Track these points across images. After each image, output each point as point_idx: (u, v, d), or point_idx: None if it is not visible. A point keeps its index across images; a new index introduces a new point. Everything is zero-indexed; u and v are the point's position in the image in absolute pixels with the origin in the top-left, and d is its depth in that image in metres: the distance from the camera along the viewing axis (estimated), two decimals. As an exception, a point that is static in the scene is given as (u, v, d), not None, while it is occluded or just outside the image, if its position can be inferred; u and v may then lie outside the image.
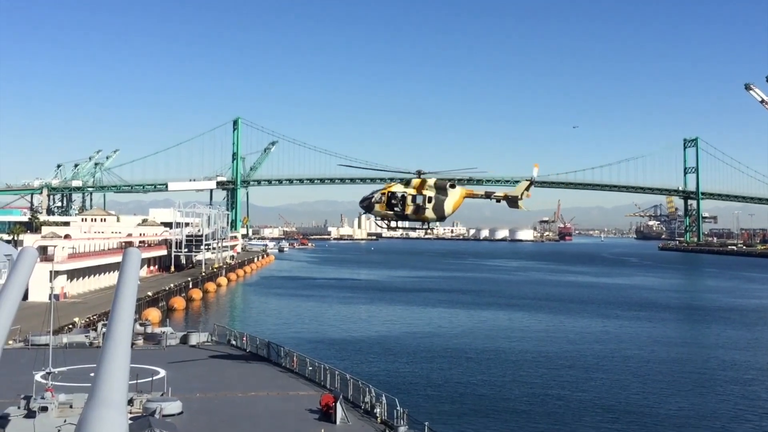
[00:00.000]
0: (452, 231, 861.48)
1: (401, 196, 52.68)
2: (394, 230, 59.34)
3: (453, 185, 53.17)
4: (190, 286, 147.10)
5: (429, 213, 52.50)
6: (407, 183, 53.23)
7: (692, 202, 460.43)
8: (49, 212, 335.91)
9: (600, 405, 63.33)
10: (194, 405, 42.06)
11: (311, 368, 51.41)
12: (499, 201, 53.51)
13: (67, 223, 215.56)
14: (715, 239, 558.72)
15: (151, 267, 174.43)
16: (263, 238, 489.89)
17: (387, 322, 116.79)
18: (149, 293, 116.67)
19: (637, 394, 67.86)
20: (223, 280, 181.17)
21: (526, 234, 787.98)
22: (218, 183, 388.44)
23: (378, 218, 55.54)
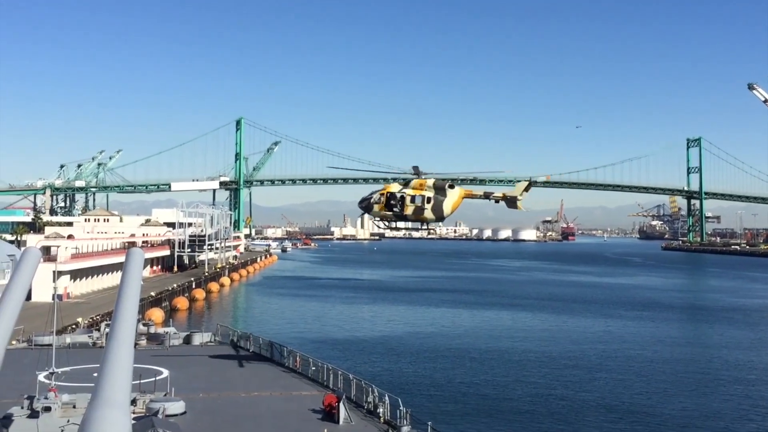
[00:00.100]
0: (455, 231, 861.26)
1: (400, 197, 52.60)
2: (397, 230, 59.13)
3: (452, 185, 53.12)
4: (193, 286, 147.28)
5: (428, 213, 52.42)
6: (406, 183, 53.19)
7: (695, 202, 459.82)
8: (52, 212, 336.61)
9: (603, 405, 63.26)
10: (197, 405, 42.06)
11: (314, 368, 51.34)
12: (498, 201, 53.45)
13: (70, 224, 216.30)
14: (718, 239, 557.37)
15: (154, 267, 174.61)
16: (266, 238, 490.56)
17: (390, 322, 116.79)
18: (152, 293, 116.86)
19: (641, 394, 67.75)
20: (226, 280, 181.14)
21: (529, 234, 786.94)
22: (221, 183, 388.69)
23: (377, 219, 55.45)
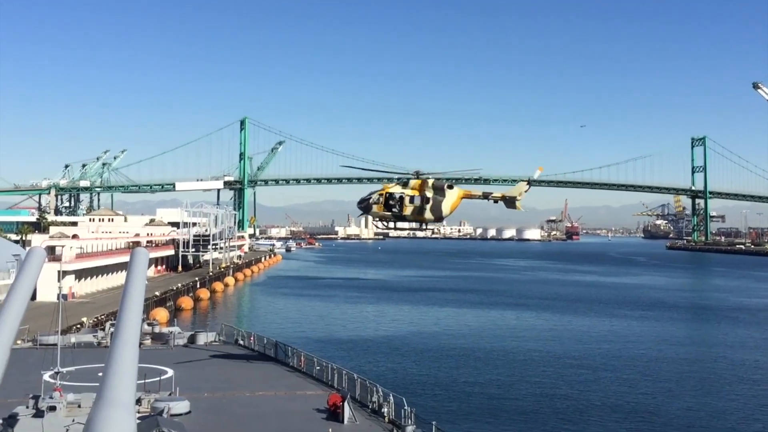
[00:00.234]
0: (459, 230, 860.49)
1: (399, 197, 52.56)
2: (402, 230, 59.07)
3: (451, 186, 53.13)
4: (198, 286, 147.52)
5: (427, 214, 52.43)
6: (405, 184, 53.15)
7: (700, 201, 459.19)
8: (57, 212, 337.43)
9: (608, 405, 63.12)
10: (202, 404, 42.14)
11: (319, 368, 51.37)
12: (497, 202, 53.34)
13: (75, 223, 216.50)
14: (723, 238, 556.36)
15: (159, 267, 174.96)
16: (270, 238, 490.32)
17: (394, 322, 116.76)
18: (157, 293, 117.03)
19: (645, 394, 67.59)
20: (231, 280, 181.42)
21: (534, 233, 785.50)
22: (225, 183, 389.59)
23: (376, 219, 55.33)
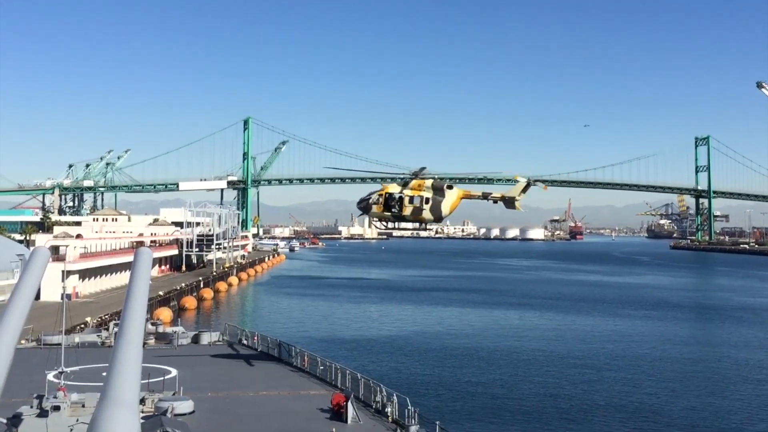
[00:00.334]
0: (463, 230, 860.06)
1: (398, 198, 52.46)
2: (405, 230, 58.96)
3: (450, 186, 53.07)
4: (201, 286, 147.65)
5: (426, 214, 52.33)
6: (404, 184, 53.09)
7: (704, 201, 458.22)
8: (61, 212, 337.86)
9: (612, 404, 63.04)
10: (206, 404, 42.18)
11: (322, 367, 51.39)
12: (496, 202, 53.22)
13: (79, 223, 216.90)
14: (727, 238, 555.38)
15: (163, 266, 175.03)
16: (274, 238, 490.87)
17: (398, 322, 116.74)
18: (160, 293, 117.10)
19: (649, 394, 67.48)
20: (234, 280, 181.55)
21: (537, 233, 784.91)
22: (229, 183, 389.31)
23: (375, 219, 55.23)
